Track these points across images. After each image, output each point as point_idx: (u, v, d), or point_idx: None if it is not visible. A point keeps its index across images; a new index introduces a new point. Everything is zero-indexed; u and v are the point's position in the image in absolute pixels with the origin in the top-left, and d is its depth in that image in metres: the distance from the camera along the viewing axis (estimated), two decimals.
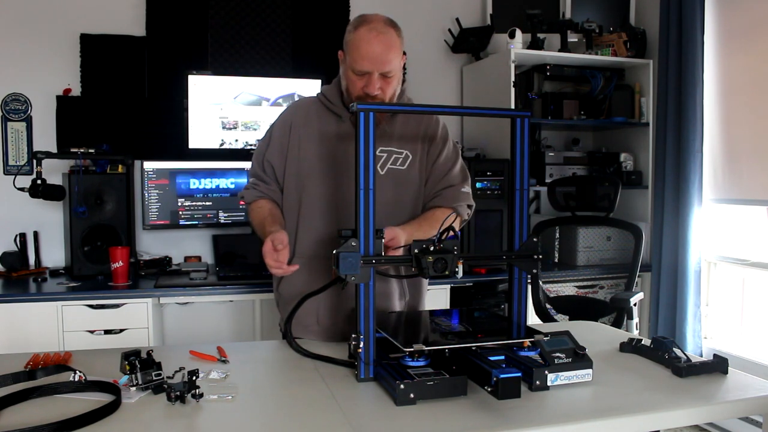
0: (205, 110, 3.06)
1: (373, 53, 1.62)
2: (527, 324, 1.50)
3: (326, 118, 1.77)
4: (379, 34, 1.64)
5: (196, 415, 1.20)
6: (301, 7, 3.39)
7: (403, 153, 1.76)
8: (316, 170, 1.74)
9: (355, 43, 1.64)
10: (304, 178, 1.75)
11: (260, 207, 1.79)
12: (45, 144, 3.05)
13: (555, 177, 3.35)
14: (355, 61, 1.64)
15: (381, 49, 1.63)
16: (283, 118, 1.83)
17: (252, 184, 1.83)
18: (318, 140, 1.75)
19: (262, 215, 1.76)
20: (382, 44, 1.63)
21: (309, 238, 1.75)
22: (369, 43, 1.63)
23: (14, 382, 1.32)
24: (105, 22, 3.14)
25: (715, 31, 3.14)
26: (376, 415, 1.20)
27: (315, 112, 1.79)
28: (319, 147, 1.74)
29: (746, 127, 3.02)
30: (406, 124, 1.78)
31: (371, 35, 1.63)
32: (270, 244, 1.55)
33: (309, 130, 1.76)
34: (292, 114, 1.82)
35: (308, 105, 1.82)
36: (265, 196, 1.81)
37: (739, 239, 3.20)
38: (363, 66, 1.64)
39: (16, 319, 2.49)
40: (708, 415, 1.35)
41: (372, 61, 1.63)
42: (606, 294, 3.24)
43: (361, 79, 1.65)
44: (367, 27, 1.65)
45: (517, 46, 3.28)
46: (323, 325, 1.75)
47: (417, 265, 1.38)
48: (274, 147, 1.80)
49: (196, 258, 3.21)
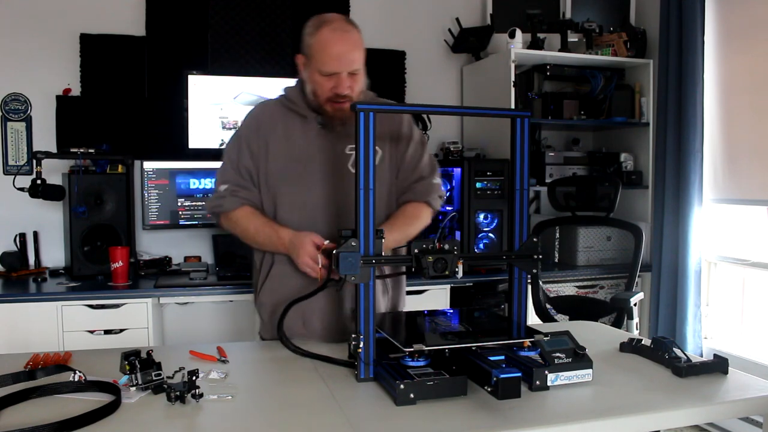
0: (204, 110, 3.06)
1: (340, 53, 1.63)
2: (527, 324, 1.50)
3: (291, 121, 1.75)
4: (344, 33, 1.64)
5: (196, 415, 1.19)
6: (301, 7, 3.39)
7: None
8: (288, 173, 1.72)
9: (321, 44, 1.63)
10: (276, 181, 1.73)
11: (251, 213, 1.73)
12: (45, 144, 3.05)
13: (555, 177, 3.34)
14: (322, 63, 1.63)
15: (347, 48, 1.64)
16: (250, 122, 1.79)
17: (229, 192, 1.73)
18: (285, 143, 1.73)
19: (262, 220, 1.72)
20: (347, 43, 1.64)
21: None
22: (335, 44, 1.63)
23: (14, 382, 1.32)
24: (105, 22, 3.13)
25: (715, 31, 3.14)
26: (376, 415, 1.20)
27: (280, 114, 1.77)
28: (288, 149, 1.73)
29: (746, 127, 3.02)
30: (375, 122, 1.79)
31: (336, 35, 1.63)
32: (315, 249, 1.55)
33: (276, 132, 1.74)
34: (259, 117, 1.79)
35: (272, 107, 1.80)
36: (248, 203, 1.74)
37: (739, 239, 3.20)
38: (332, 67, 1.63)
39: (16, 319, 2.49)
40: (708, 415, 1.35)
41: (340, 61, 1.63)
42: (606, 294, 3.24)
43: (330, 80, 1.65)
44: (330, 28, 1.65)
45: (517, 46, 3.28)
46: (311, 328, 1.74)
47: (417, 265, 1.38)
48: (246, 152, 1.75)
49: (196, 258, 3.21)
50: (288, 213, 1.73)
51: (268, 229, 1.69)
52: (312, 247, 1.57)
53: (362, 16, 3.47)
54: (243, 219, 1.73)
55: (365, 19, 3.47)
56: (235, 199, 1.73)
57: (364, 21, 3.43)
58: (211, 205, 1.77)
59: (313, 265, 1.57)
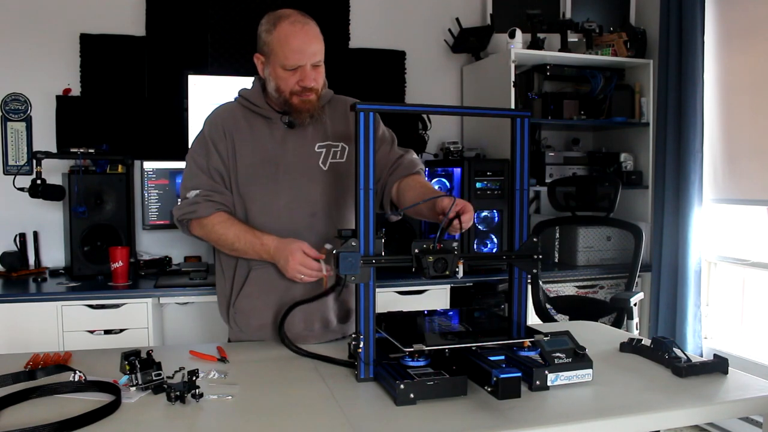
0: (205, 110, 3.02)
1: (302, 46, 1.62)
2: (527, 324, 1.50)
3: (255, 122, 1.73)
4: (304, 26, 1.64)
5: (196, 415, 1.20)
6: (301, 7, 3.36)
7: (339, 145, 1.76)
8: (257, 176, 1.69)
9: (282, 39, 1.62)
10: (246, 185, 1.69)
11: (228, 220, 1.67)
12: (45, 144, 3.05)
13: (555, 177, 3.34)
14: (285, 57, 1.62)
15: (309, 40, 1.63)
16: (214, 124, 1.74)
17: (202, 197, 1.67)
18: (252, 145, 1.70)
19: (241, 227, 1.65)
20: (309, 36, 1.64)
21: None
22: (296, 36, 1.62)
23: (14, 382, 1.32)
24: (105, 22, 3.13)
25: (715, 31, 3.14)
26: (376, 415, 1.20)
27: (242, 116, 1.74)
28: (255, 152, 1.70)
29: (746, 127, 3.02)
30: (334, 117, 1.78)
31: (296, 28, 1.63)
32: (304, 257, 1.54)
33: (242, 135, 1.71)
34: (222, 119, 1.74)
35: (233, 110, 1.76)
36: (224, 208, 1.68)
37: (739, 239, 3.20)
38: (296, 60, 1.62)
39: (16, 319, 2.49)
40: (708, 415, 1.35)
41: (303, 53, 1.62)
42: (606, 294, 3.24)
43: (294, 73, 1.64)
44: (289, 21, 1.64)
45: (517, 46, 3.28)
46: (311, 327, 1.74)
47: (417, 265, 1.38)
48: (216, 154, 1.70)
49: (196, 258, 3.21)
50: (259, 216, 1.69)
51: (250, 235, 1.63)
52: (302, 255, 1.55)
53: (362, 16, 3.48)
54: (219, 225, 1.66)
55: (365, 19, 3.49)
56: (210, 203, 1.67)
57: (364, 21, 3.49)
58: (182, 213, 1.69)
59: (306, 271, 1.56)
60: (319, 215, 1.72)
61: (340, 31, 3.46)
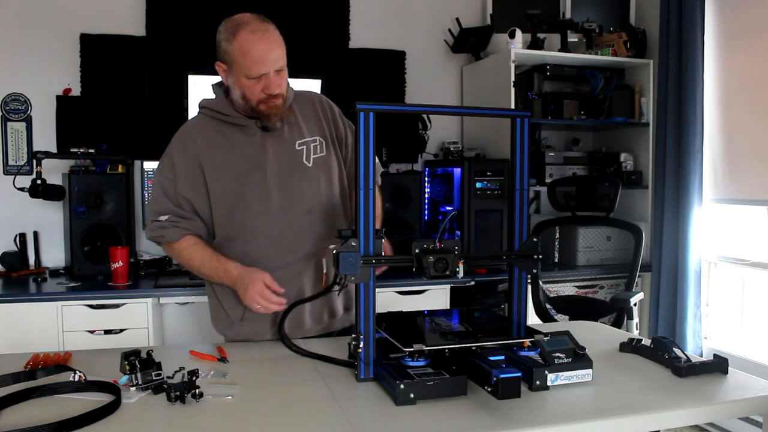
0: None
1: (264, 54, 1.61)
2: (527, 324, 1.50)
3: (230, 132, 1.71)
4: (264, 33, 1.62)
5: (196, 415, 1.20)
6: (301, 7, 3.39)
7: (317, 140, 1.77)
8: (248, 186, 1.68)
9: (243, 49, 1.61)
10: (238, 197, 1.69)
11: (195, 245, 1.70)
12: (45, 144, 3.05)
13: (555, 177, 3.34)
14: (248, 68, 1.61)
15: (270, 47, 1.62)
16: (181, 147, 1.72)
17: (169, 223, 1.69)
18: (233, 156, 1.69)
19: (207, 252, 1.69)
20: (269, 43, 1.62)
21: (265, 254, 1.70)
22: (257, 45, 1.60)
23: (14, 382, 1.32)
24: (105, 22, 3.13)
25: (715, 31, 3.14)
26: (376, 415, 1.20)
27: (213, 129, 1.72)
28: (238, 162, 1.69)
29: (746, 127, 3.02)
30: (303, 113, 1.78)
31: (256, 37, 1.61)
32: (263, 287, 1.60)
33: (217, 149, 1.69)
34: (188, 140, 1.72)
35: (202, 126, 1.74)
36: (191, 233, 1.70)
37: (739, 239, 3.20)
38: (258, 69, 1.61)
39: (16, 319, 2.49)
40: (708, 415, 1.35)
41: (265, 62, 1.61)
42: (606, 294, 3.24)
43: (258, 82, 1.63)
44: (248, 30, 1.61)
45: (517, 46, 3.28)
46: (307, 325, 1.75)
47: (418, 265, 1.38)
48: (183, 180, 1.69)
49: None
50: (256, 222, 1.69)
51: (215, 262, 1.67)
52: (263, 287, 1.60)
53: (362, 16, 3.48)
54: (186, 250, 1.70)
55: (365, 19, 3.49)
56: (177, 230, 1.69)
57: (364, 21, 3.49)
58: (152, 235, 1.72)
59: (263, 302, 1.60)
60: (316, 212, 1.73)
61: (340, 31, 3.46)
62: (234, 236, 1.72)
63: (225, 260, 1.67)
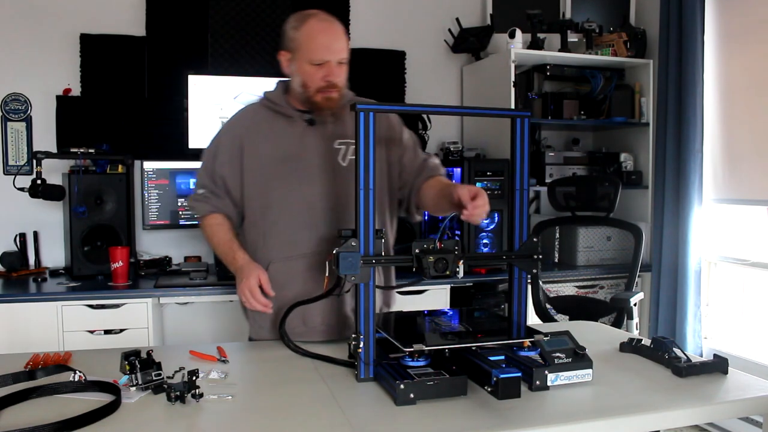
0: (205, 110, 3.06)
1: (329, 42, 1.67)
2: (527, 324, 1.50)
3: (276, 122, 1.76)
4: (331, 23, 1.69)
5: (196, 415, 1.20)
6: (301, 7, 3.36)
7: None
8: (277, 174, 1.73)
9: (309, 35, 1.67)
10: (266, 183, 1.74)
11: (219, 225, 1.79)
12: (45, 144, 3.05)
13: (555, 177, 3.34)
14: (313, 52, 1.66)
15: (335, 37, 1.68)
16: (230, 128, 1.81)
17: (203, 197, 1.80)
18: (273, 144, 1.74)
19: (225, 236, 1.77)
20: (336, 33, 1.69)
21: (280, 242, 1.73)
22: (324, 33, 1.67)
23: (14, 382, 1.32)
24: (105, 22, 3.13)
25: (715, 31, 3.14)
26: (376, 415, 1.20)
27: (263, 117, 1.78)
28: (276, 150, 1.73)
29: (746, 127, 3.02)
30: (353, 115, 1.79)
31: (324, 25, 1.68)
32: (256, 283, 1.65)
33: (261, 135, 1.75)
34: (239, 123, 1.80)
35: (254, 111, 1.81)
36: (218, 211, 1.80)
37: (739, 239, 3.20)
38: (323, 55, 1.66)
39: (16, 319, 2.49)
40: (708, 415, 1.35)
41: (329, 49, 1.66)
42: (606, 294, 3.24)
43: (320, 69, 1.67)
44: (316, 19, 1.69)
45: (517, 46, 3.28)
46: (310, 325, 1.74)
47: (418, 265, 1.38)
48: (223, 159, 1.77)
49: (196, 258, 3.21)
50: (279, 211, 1.73)
51: (228, 246, 1.75)
52: (255, 285, 1.65)
53: (362, 16, 3.48)
54: (209, 227, 1.80)
55: (365, 19, 3.49)
56: (206, 206, 1.79)
57: (364, 21, 3.49)
58: (189, 205, 1.89)
59: (250, 299, 1.66)
60: (339, 211, 1.73)
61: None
62: (257, 221, 1.77)
63: (237, 248, 1.74)
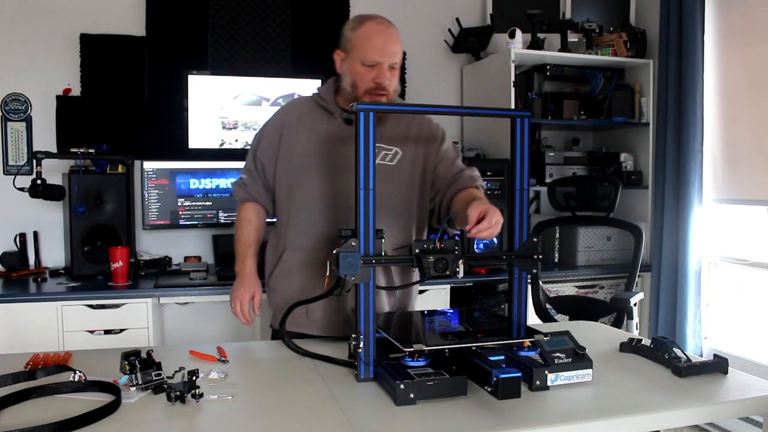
0: (205, 110, 3.06)
1: (383, 44, 1.70)
2: (527, 324, 1.50)
3: (318, 116, 1.80)
4: (388, 27, 1.73)
5: (196, 415, 1.19)
6: (301, 7, 3.39)
7: (393, 150, 1.79)
8: (306, 166, 1.76)
9: (365, 36, 1.71)
10: (294, 173, 1.78)
11: (247, 221, 1.86)
12: (45, 144, 3.05)
13: (555, 177, 3.34)
14: (366, 53, 1.69)
15: (390, 41, 1.71)
16: (277, 116, 1.87)
17: (242, 183, 1.88)
18: (308, 136, 1.78)
19: (246, 238, 1.85)
20: (390, 36, 1.72)
21: (297, 232, 1.78)
22: (379, 35, 1.71)
23: (14, 382, 1.32)
24: (105, 22, 3.13)
25: (715, 31, 3.14)
26: (376, 415, 1.20)
27: (308, 110, 1.82)
28: (309, 143, 1.77)
29: (746, 127, 3.02)
30: (396, 124, 1.81)
31: (380, 28, 1.72)
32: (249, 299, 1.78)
33: (300, 127, 1.79)
34: (285, 113, 1.86)
35: (302, 104, 1.87)
36: (252, 199, 1.87)
37: (739, 239, 3.20)
38: (375, 57, 1.69)
39: (16, 319, 2.49)
40: (708, 415, 1.35)
41: (382, 51, 1.69)
42: (606, 294, 3.24)
43: (371, 70, 1.70)
44: (374, 22, 1.73)
45: (517, 46, 3.28)
46: (313, 318, 1.76)
47: (418, 265, 1.38)
48: (265, 144, 1.83)
49: (196, 258, 3.21)
50: (300, 205, 1.77)
51: (243, 248, 1.85)
52: (247, 297, 1.79)
53: None
54: (239, 220, 1.88)
55: None
56: (243, 193, 1.87)
57: None
58: (232, 190, 1.94)
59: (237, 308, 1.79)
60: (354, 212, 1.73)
61: (340, 30, 3.45)
62: (282, 208, 1.83)
63: (251, 254, 1.84)
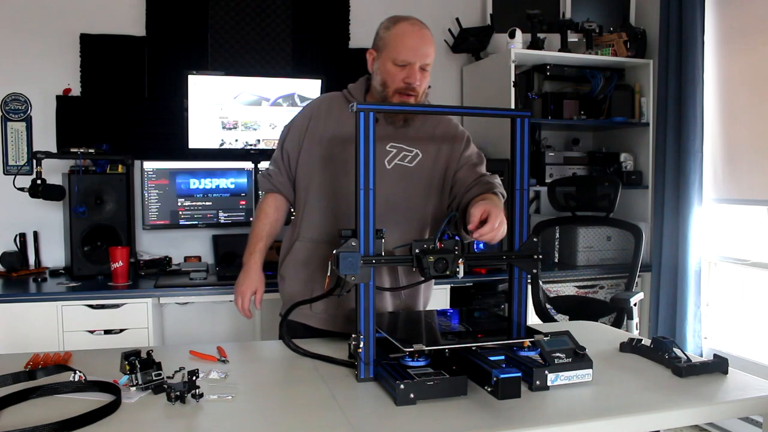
0: (205, 110, 3.06)
1: (416, 44, 1.71)
2: (527, 324, 1.50)
3: (344, 110, 1.81)
4: (421, 28, 1.75)
5: (196, 415, 1.19)
6: (301, 7, 3.39)
7: (414, 151, 1.79)
8: (326, 159, 1.78)
9: (398, 35, 1.73)
10: (312, 165, 1.80)
11: (266, 214, 1.87)
12: (45, 144, 3.05)
13: (555, 177, 3.34)
14: (398, 52, 1.70)
15: (423, 42, 1.73)
16: (305, 109, 1.89)
17: (267, 174, 1.90)
18: (331, 129, 1.79)
19: (261, 231, 1.86)
20: (424, 38, 1.74)
21: (309, 223, 1.81)
22: (413, 36, 1.72)
23: (14, 382, 1.32)
24: (105, 22, 3.13)
25: (715, 31, 3.14)
26: (376, 415, 1.20)
27: (337, 104, 1.84)
28: (333, 137, 1.79)
29: (746, 127, 3.02)
30: (422, 126, 1.82)
31: (414, 28, 1.74)
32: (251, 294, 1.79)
33: (327, 120, 1.81)
34: (314, 106, 1.88)
35: (332, 98, 1.88)
36: (275, 190, 1.88)
37: (739, 239, 3.20)
38: (407, 56, 1.70)
39: (16, 319, 2.49)
40: (708, 415, 1.35)
41: (415, 51, 1.70)
42: (606, 294, 3.24)
43: (402, 70, 1.71)
44: (408, 22, 1.76)
45: (517, 46, 3.28)
46: (315, 310, 1.77)
47: (418, 265, 1.38)
48: (292, 135, 1.85)
49: (196, 258, 3.21)
50: (317, 197, 1.79)
51: (255, 241, 1.85)
52: (250, 292, 1.80)
53: (362, 16, 3.48)
54: (259, 210, 1.89)
55: (365, 19, 3.48)
56: (267, 183, 1.89)
57: (364, 21, 3.48)
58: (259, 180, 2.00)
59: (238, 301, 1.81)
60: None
61: (340, 31, 3.46)
62: (300, 198, 1.85)
63: (261, 248, 1.84)
